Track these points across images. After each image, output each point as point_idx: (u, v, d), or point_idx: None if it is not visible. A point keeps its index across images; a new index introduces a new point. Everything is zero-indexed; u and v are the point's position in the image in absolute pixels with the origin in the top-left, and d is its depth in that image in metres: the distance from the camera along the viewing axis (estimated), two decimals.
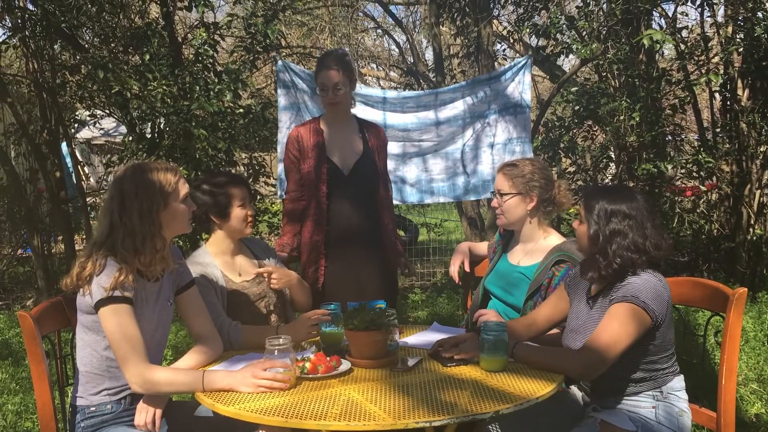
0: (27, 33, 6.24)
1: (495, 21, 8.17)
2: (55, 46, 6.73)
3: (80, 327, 2.25)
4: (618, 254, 2.21)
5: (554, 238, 2.83)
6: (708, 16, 6.52)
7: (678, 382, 2.30)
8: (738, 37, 6.07)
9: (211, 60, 5.66)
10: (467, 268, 3.19)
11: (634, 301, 2.14)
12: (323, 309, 2.59)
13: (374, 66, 15.04)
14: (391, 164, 3.92)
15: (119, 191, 2.21)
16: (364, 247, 3.31)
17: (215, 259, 2.77)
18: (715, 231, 6.63)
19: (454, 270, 3.17)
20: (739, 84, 6.30)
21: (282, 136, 5.54)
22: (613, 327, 2.13)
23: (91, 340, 2.23)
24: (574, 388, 2.47)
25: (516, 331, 2.42)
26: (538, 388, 2.01)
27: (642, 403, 2.25)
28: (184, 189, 2.30)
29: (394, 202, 5.52)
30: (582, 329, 2.30)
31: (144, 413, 2.18)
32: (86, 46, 6.36)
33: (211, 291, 2.65)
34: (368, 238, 3.32)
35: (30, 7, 6.23)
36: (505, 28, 9.79)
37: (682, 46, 6.18)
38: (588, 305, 2.34)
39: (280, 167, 5.62)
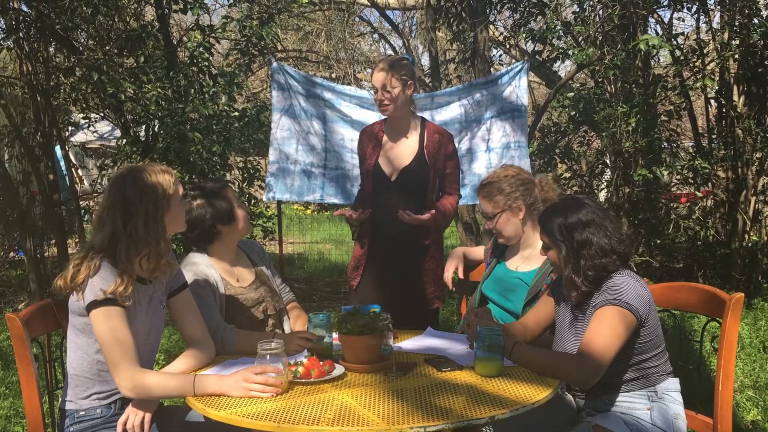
0: (21, 35, 6.20)
1: (491, 26, 8.16)
2: (50, 48, 6.70)
3: (72, 329, 2.22)
4: (589, 264, 2.22)
5: None
6: (704, 23, 6.54)
7: (673, 384, 2.29)
8: (734, 43, 6.08)
9: (206, 63, 5.64)
10: (461, 275, 3.17)
11: (617, 303, 2.15)
12: (312, 319, 2.49)
13: (370, 71, 15.03)
14: None
15: (121, 198, 2.17)
16: (402, 257, 3.26)
17: (215, 264, 2.73)
18: (711, 237, 6.62)
19: (447, 276, 3.14)
20: (735, 90, 6.31)
21: (275, 137, 5.54)
22: (604, 332, 2.13)
23: (82, 343, 2.20)
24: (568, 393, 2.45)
25: (510, 335, 2.40)
26: (534, 393, 1.98)
27: (636, 404, 2.23)
28: (180, 188, 2.29)
29: None
30: (569, 336, 2.31)
31: (133, 416, 2.14)
32: (81, 48, 6.33)
33: (210, 294, 2.61)
34: (408, 248, 3.26)
35: (24, 8, 6.20)
36: (501, 33, 9.79)
37: (678, 52, 6.19)
38: (572, 312, 2.34)
39: (272, 169, 5.61)
